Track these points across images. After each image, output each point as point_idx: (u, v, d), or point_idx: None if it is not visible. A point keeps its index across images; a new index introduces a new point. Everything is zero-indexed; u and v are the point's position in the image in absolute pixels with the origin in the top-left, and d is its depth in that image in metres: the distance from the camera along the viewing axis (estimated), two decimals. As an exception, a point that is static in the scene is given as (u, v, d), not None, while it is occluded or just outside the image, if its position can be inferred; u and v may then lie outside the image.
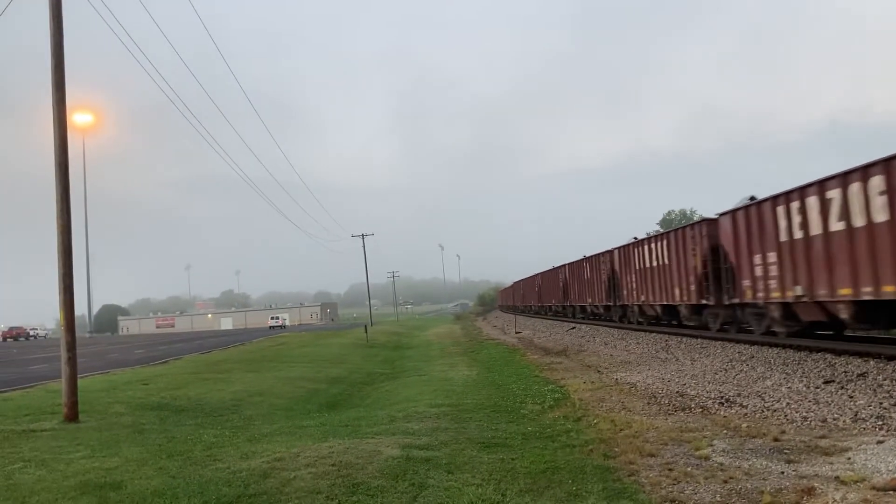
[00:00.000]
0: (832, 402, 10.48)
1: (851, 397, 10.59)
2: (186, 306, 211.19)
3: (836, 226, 14.62)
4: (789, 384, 12.42)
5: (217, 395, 18.02)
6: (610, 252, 32.96)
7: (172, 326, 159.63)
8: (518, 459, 8.11)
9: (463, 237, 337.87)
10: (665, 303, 25.43)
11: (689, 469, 7.25)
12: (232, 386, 19.83)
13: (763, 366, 14.79)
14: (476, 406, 13.14)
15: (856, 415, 9.46)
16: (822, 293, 15.32)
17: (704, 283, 21.52)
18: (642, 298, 28.04)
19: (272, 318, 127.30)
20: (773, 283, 17.25)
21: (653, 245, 26.71)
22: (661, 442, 8.68)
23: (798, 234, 15.98)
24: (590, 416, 11.04)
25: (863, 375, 12.00)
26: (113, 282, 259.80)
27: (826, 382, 12.00)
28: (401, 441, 9.44)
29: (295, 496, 6.90)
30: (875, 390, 10.79)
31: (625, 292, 30.53)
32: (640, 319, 29.37)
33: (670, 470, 7.27)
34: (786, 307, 17.12)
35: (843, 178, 14.20)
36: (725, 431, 9.20)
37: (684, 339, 22.12)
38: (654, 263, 26.21)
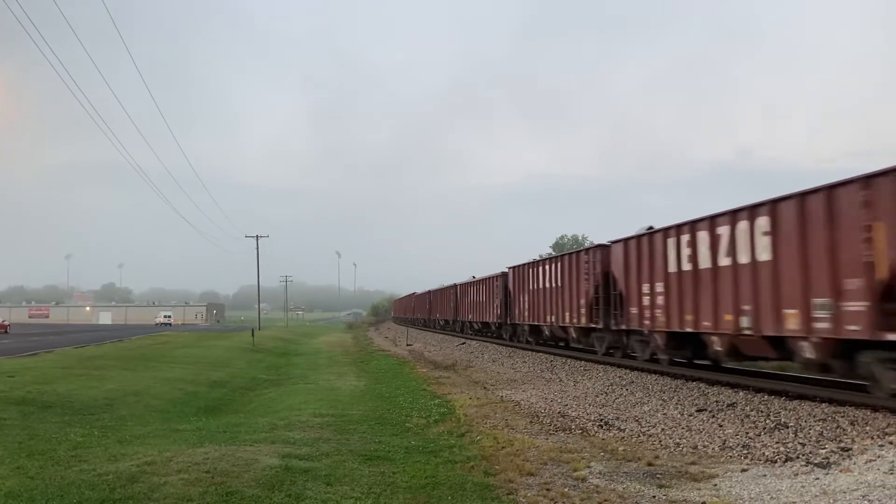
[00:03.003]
0: (703, 429, 10.93)
1: (721, 426, 11.08)
2: (64, 297, 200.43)
3: None
4: (665, 410, 12.88)
5: (89, 392, 17.13)
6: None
7: (47, 317, 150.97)
8: (399, 473, 8.06)
9: (363, 245, 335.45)
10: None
11: (566, 490, 7.38)
12: (106, 384, 18.90)
13: (642, 391, 15.30)
14: (361, 417, 13.01)
15: (724, 443, 9.90)
16: None
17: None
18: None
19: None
20: None
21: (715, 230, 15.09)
22: (541, 461, 8.82)
23: None
24: (474, 432, 11.11)
25: (732, 405, 12.59)
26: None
27: (699, 411, 12.52)
28: (280, 450, 9.23)
29: (164, 503, 6.60)
30: (742, 420, 11.33)
31: (634, 310, 18.89)
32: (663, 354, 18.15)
33: (548, 490, 7.38)
34: None
35: None
36: (603, 454, 9.44)
37: (568, 360, 22.63)
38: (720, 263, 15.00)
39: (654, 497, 7.14)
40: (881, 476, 7.18)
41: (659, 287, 17.52)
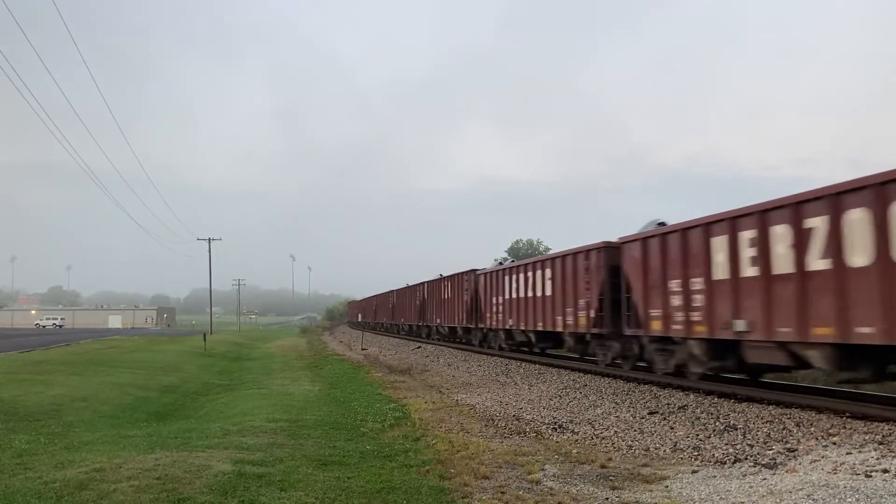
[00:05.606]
0: (655, 432, 11.11)
1: (672, 428, 11.27)
2: (8, 300, 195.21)
3: None
4: (618, 413, 13.05)
5: (35, 397, 16.69)
6: None
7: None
8: (354, 478, 8.03)
9: (319, 249, 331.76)
10: None
11: (520, 493, 7.43)
12: (53, 389, 18.43)
13: (595, 394, 15.46)
14: (316, 422, 12.91)
15: (675, 445, 10.08)
16: None
17: None
18: None
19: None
20: None
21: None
22: (495, 465, 8.87)
23: None
24: (429, 436, 11.12)
25: (683, 408, 12.81)
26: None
27: (651, 413, 12.71)
28: (233, 456, 9.11)
29: (113, 511, 6.48)
30: (693, 422, 11.54)
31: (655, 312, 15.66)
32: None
33: (503, 493, 7.42)
34: None
35: None
36: (557, 456, 9.53)
37: (523, 363, 22.78)
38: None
39: (607, 499, 7.23)
40: (825, 476, 7.39)
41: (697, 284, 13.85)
